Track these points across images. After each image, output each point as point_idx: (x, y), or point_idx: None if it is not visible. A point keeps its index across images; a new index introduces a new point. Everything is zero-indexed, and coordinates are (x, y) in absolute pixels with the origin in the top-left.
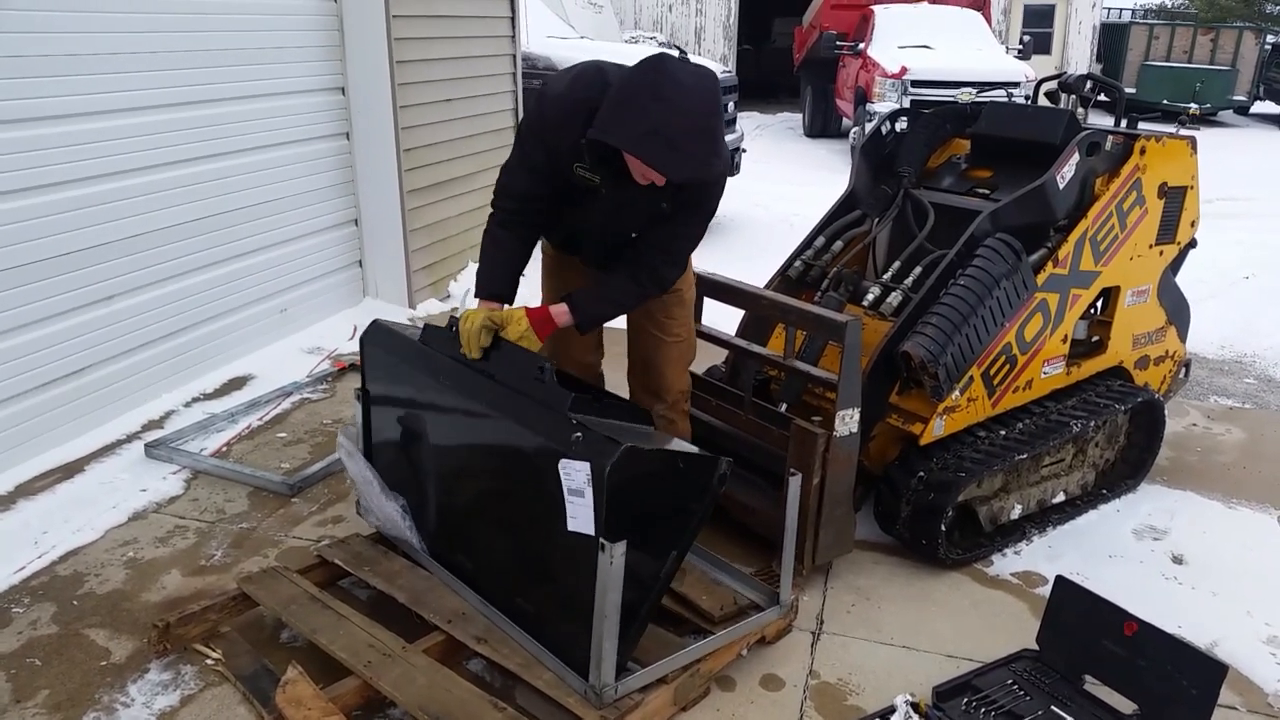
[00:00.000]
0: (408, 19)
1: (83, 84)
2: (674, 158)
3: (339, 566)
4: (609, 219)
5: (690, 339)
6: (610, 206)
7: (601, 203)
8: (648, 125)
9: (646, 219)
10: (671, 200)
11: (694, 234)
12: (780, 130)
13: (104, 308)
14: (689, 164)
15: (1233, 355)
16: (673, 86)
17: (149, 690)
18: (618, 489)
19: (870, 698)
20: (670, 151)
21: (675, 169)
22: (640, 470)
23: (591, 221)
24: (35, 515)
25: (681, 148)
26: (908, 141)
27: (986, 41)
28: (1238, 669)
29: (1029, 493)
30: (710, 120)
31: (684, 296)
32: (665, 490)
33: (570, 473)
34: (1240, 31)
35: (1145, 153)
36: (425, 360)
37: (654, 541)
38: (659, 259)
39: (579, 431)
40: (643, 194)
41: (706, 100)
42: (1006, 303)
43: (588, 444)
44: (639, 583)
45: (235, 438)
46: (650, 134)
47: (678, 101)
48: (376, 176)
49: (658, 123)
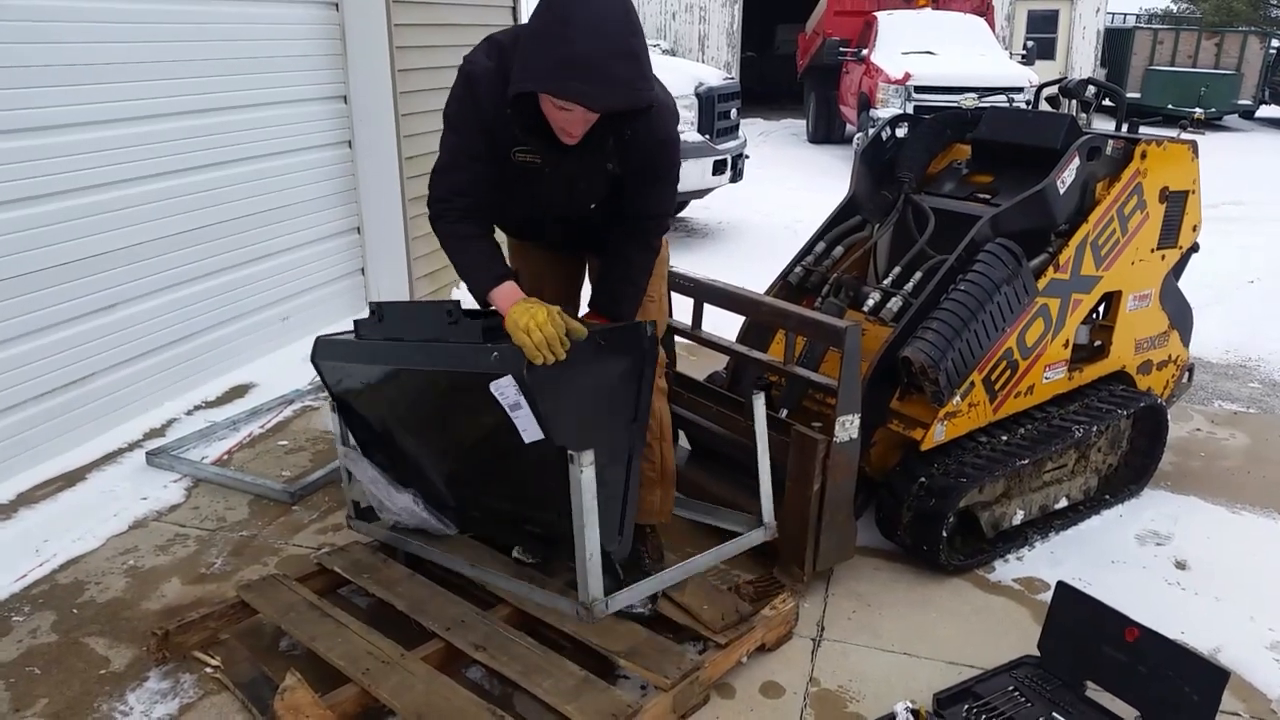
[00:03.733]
0: (409, 27)
1: (84, 94)
2: (595, 88)
3: (338, 574)
4: (560, 198)
5: (660, 302)
6: (558, 185)
7: (548, 183)
8: (560, 56)
9: (603, 189)
10: (618, 160)
11: (666, 197)
12: (784, 136)
13: (106, 316)
14: (614, 91)
15: (1237, 360)
16: (580, 9)
17: (148, 699)
18: (543, 386)
19: (871, 705)
20: (590, 81)
21: (598, 98)
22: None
23: (543, 205)
24: (36, 524)
25: (601, 73)
26: (908, 147)
27: (990, 47)
28: (1240, 675)
29: (1031, 498)
30: (630, 41)
31: None
32: (597, 370)
33: (502, 391)
34: (1245, 36)
35: (1146, 157)
36: (365, 352)
37: (608, 421)
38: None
39: (495, 351)
40: (585, 162)
41: (621, 19)
42: (1007, 308)
43: (503, 358)
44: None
45: (236, 446)
46: (566, 65)
47: (590, 23)
48: (378, 185)
49: (571, 52)
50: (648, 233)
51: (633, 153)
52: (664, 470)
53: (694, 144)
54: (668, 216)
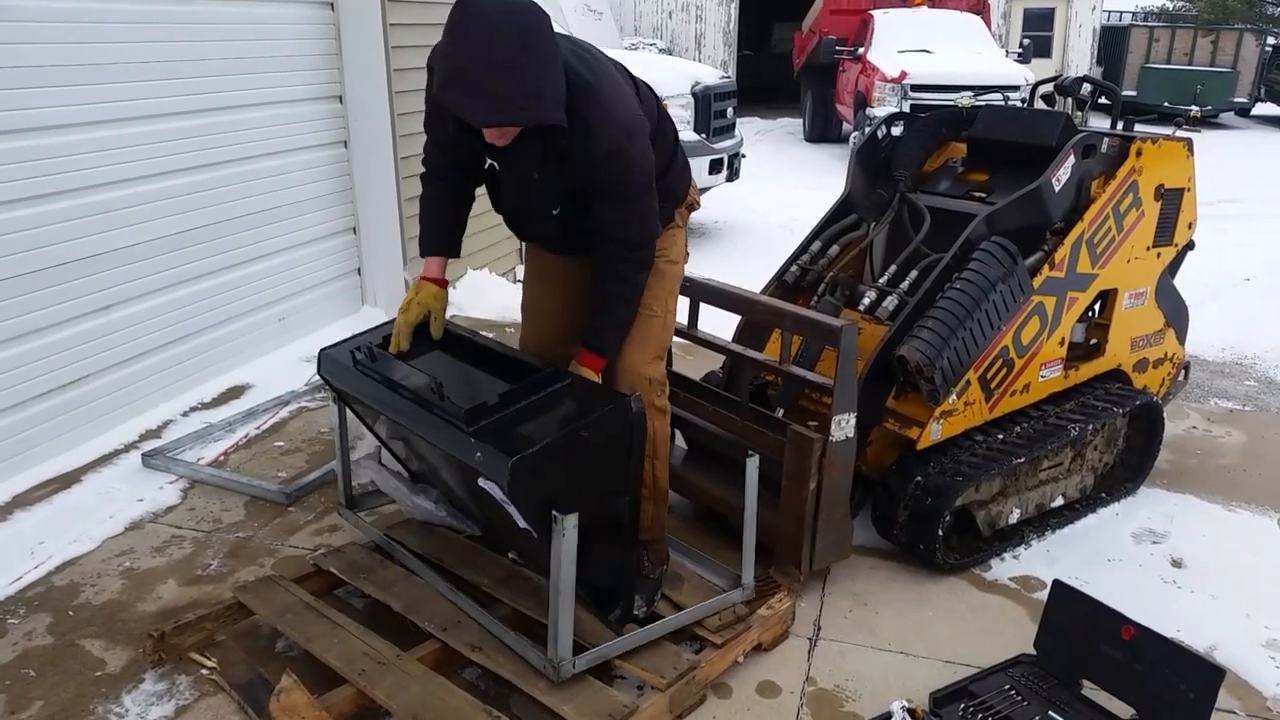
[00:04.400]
0: (405, 27)
1: (79, 94)
2: (472, 101)
3: (335, 575)
4: (521, 200)
5: (664, 318)
6: (514, 187)
7: (506, 184)
8: (446, 67)
9: (556, 198)
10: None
11: (628, 221)
12: (780, 135)
13: (101, 317)
14: (489, 106)
15: (1233, 357)
16: (468, 20)
17: (144, 701)
18: (526, 491)
19: (867, 704)
20: (465, 94)
21: (475, 112)
22: (543, 462)
23: (511, 204)
24: (32, 526)
25: (479, 87)
26: (904, 145)
27: (986, 45)
28: (1236, 673)
29: (1027, 497)
30: (515, 57)
31: (659, 267)
32: (583, 457)
33: (490, 489)
34: (1241, 33)
35: (1142, 155)
36: (363, 385)
37: (602, 497)
38: (622, 251)
39: (478, 450)
40: (523, 169)
41: (510, 35)
42: (1003, 306)
43: (487, 463)
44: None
45: (232, 447)
46: (448, 76)
47: (473, 38)
48: (375, 184)
49: (452, 64)
50: (616, 259)
51: (575, 168)
52: (656, 488)
53: (690, 143)
54: (637, 247)
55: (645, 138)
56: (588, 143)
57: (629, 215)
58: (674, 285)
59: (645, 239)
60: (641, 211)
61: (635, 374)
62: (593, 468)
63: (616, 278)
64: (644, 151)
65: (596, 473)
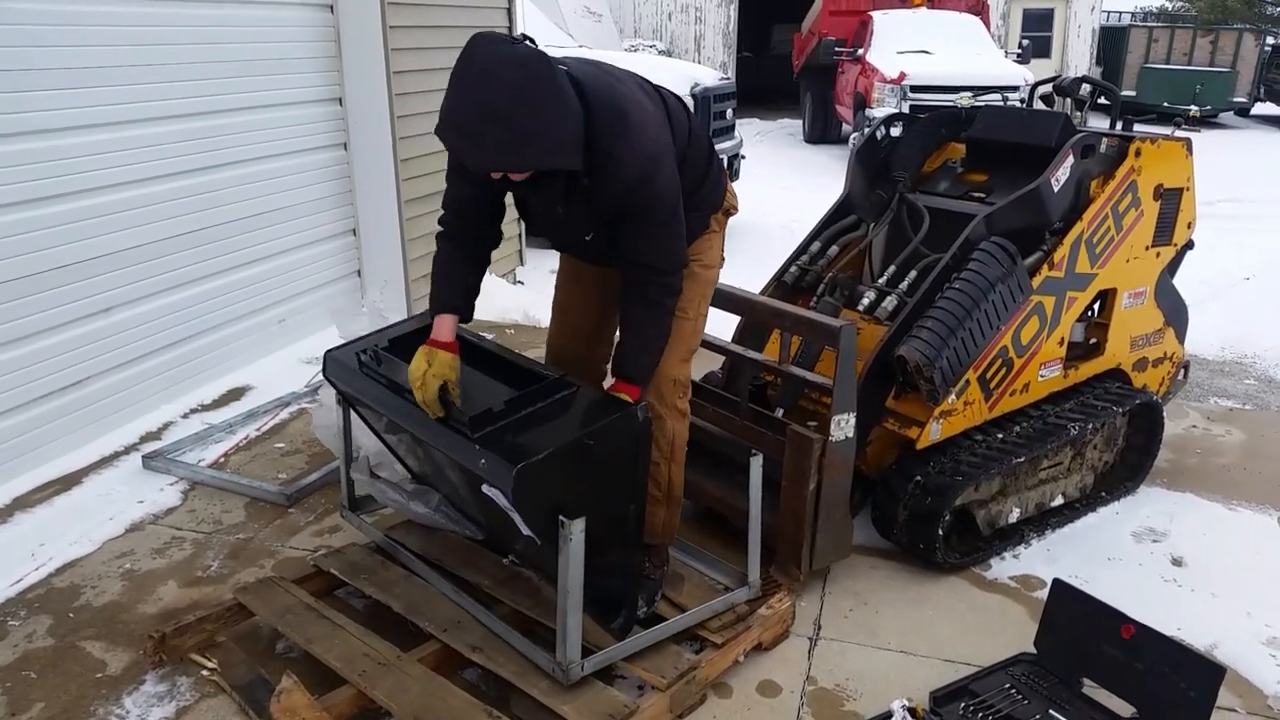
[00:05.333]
0: (405, 29)
1: (80, 97)
2: (466, 146)
3: (335, 576)
4: (552, 223)
5: (695, 321)
6: (542, 215)
7: (535, 213)
8: (445, 107)
9: (585, 224)
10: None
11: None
12: (780, 136)
13: (102, 320)
14: (480, 153)
15: (1233, 356)
16: (465, 69)
17: (144, 702)
18: (530, 498)
19: (867, 703)
20: (462, 139)
21: (469, 156)
22: (548, 470)
23: (542, 228)
24: (32, 527)
25: (470, 134)
26: (903, 146)
27: (985, 46)
28: (1237, 671)
29: (1027, 496)
30: (506, 105)
31: (694, 271)
32: (589, 466)
33: (494, 495)
34: (1240, 33)
35: (1141, 155)
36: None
37: (607, 506)
38: (650, 277)
39: (483, 458)
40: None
41: (504, 83)
42: (1002, 306)
43: (491, 470)
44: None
45: (233, 448)
46: (444, 117)
47: (470, 82)
48: (374, 187)
49: (449, 105)
50: (645, 285)
51: (602, 197)
52: (670, 492)
53: None
54: (663, 273)
55: (672, 163)
56: (613, 173)
57: (656, 241)
58: (707, 290)
59: (673, 266)
60: (669, 237)
61: (662, 375)
62: (598, 476)
63: (646, 303)
64: (670, 177)
65: (601, 481)
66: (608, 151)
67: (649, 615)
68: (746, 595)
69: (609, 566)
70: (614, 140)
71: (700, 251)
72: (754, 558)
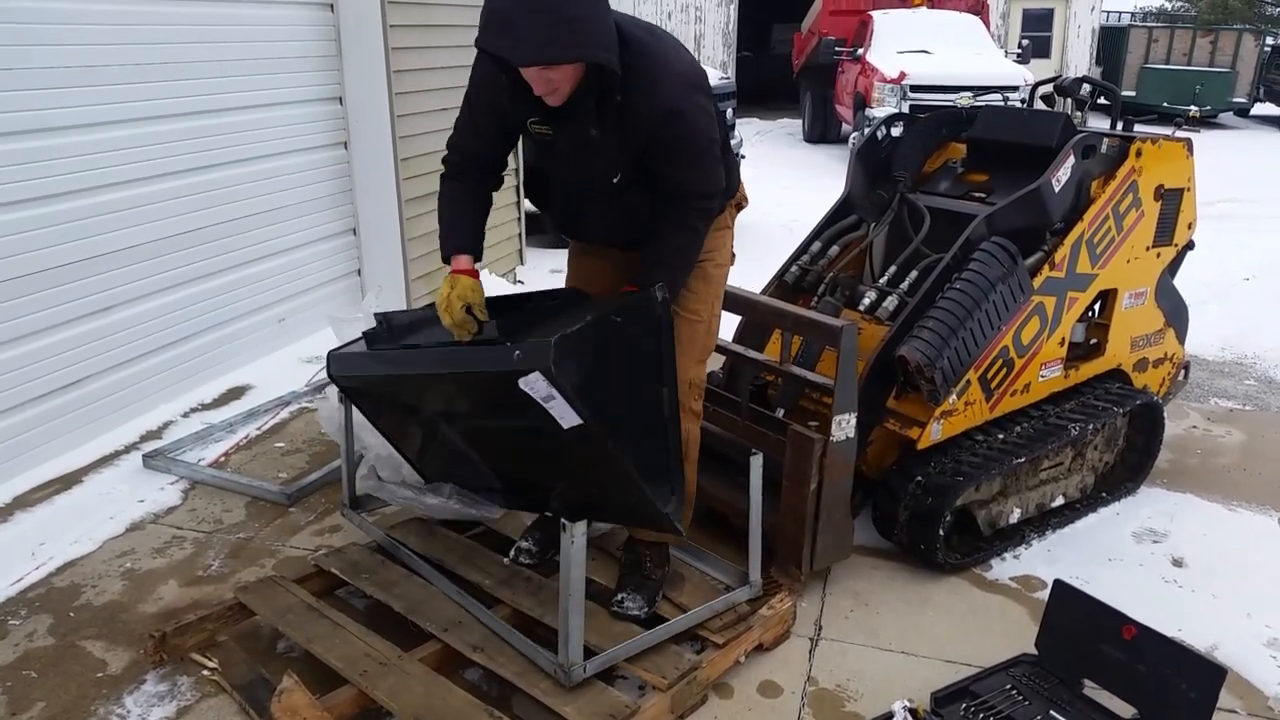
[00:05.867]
0: (405, 28)
1: (80, 96)
2: (509, 40)
3: (336, 575)
4: (577, 171)
5: (709, 323)
6: (570, 157)
7: (561, 156)
8: (487, 9)
9: (616, 163)
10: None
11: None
12: (780, 136)
13: (102, 319)
14: (525, 47)
15: (1233, 357)
16: None
17: (145, 702)
18: (570, 375)
19: (868, 703)
20: (504, 34)
21: (512, 51)
22: (581, 347)
23: (567, 179)
24: (33, 527)
25: (515, 26)
26: (903, 146)
27: (985, 46)
28: (1238, 672)
29: (1028, 496)
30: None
31: (706, 270)
32: (619, 346)
33: (532, 386)
34: (1240, 33)
35: (1141, 155)
36: (382, 363)
37: (640, 391)
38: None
39: (517, 350)
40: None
41: None
42: (1003, 306)
43: (527, 355)
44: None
45: (233, 448)
46: (488, 17)
47: None
48: (374, 186)
49: (496, 6)
50: (684, 212)
51: (634, 123)
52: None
53: None
54: (706, 197)
55: (707, 93)
56: (649, 94)
57: (697, 168)
58: (719, 289)
59: (714, 190)
60: (710, 163)
61: (678, 379)
62: (629, 357)
63: (680, 227)
64: (706, 108)
65: (634, 362)
66: (644, 73)
67: (649, 615)
68: (747, 595)
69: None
70: (648, 61)
71: (713, 248)
72: (755, 558)
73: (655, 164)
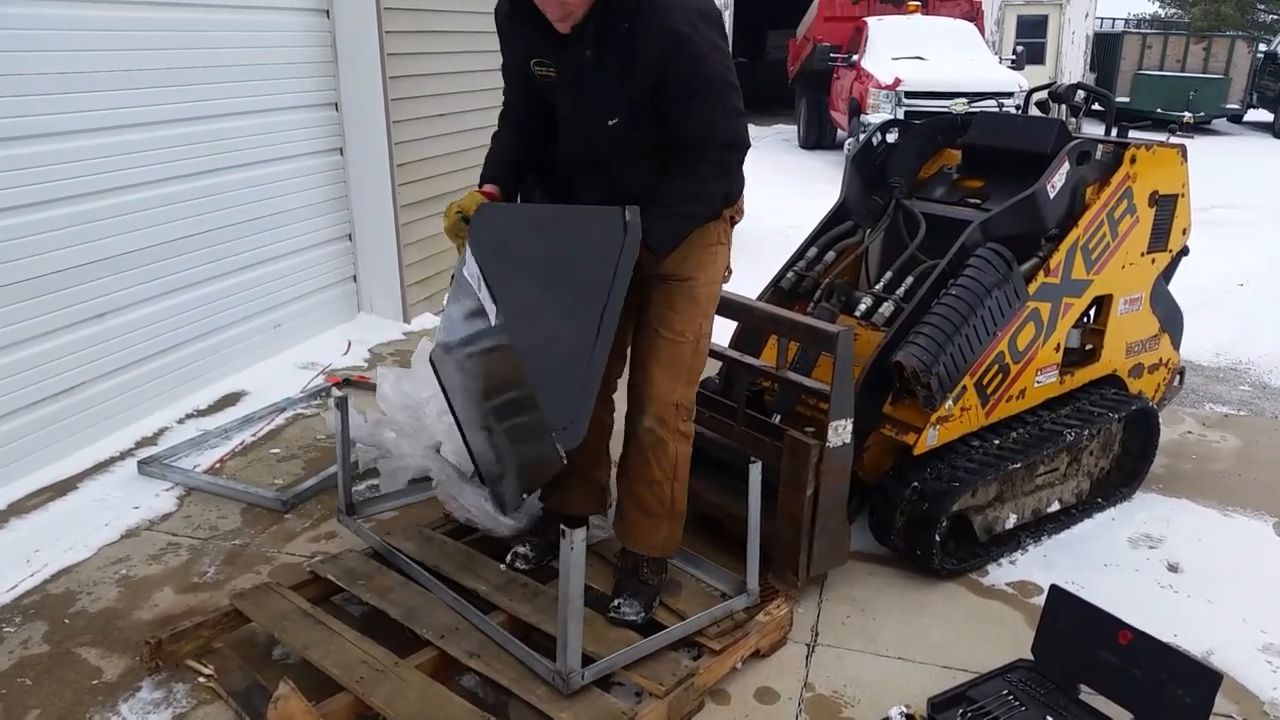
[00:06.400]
0: (400, 34)
1: (75, 101)
2: None
3: (332, 582)
4: (579, 112)
5: (696, 343)
6: (573, 97)
7: (564, 97)
8: None
9: (619, 100)
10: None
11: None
12: (775, 142)
13: (97, 325)
14: None
15: (1228, 362)
16: None
17: (140, 709)
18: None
19: (865, 709)
20: None
21: None
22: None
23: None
24: (27, 533)
25: None
26: (899, 152)
27: (980, 52)
28: (1233, 677)
29: (1024, 502)
30: None
31: (694, 291)
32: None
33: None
34: (1233, 40)
35: (1136, 161)
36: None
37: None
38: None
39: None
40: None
41: None
42: (998, 312)
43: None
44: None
45: (228, 454)
46: None
47: None
48: (370, 191)
49: None
50: (695, 161)
51: (640, 49)
52: (674, 509)
53: None
54: (723, 148)
55: (721, 30)
56: (658, 20)
57: (710, 114)
58: (709, 309)
59: (733, 140)
60: (726, 110)
61: (662, 401)
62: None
63: (688, 173)
64: (718, 42)
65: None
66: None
67: (646, 621)
68: (744, 602)
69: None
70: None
71: (704, 265)
72: (752, 565)
73: (666, 105)
